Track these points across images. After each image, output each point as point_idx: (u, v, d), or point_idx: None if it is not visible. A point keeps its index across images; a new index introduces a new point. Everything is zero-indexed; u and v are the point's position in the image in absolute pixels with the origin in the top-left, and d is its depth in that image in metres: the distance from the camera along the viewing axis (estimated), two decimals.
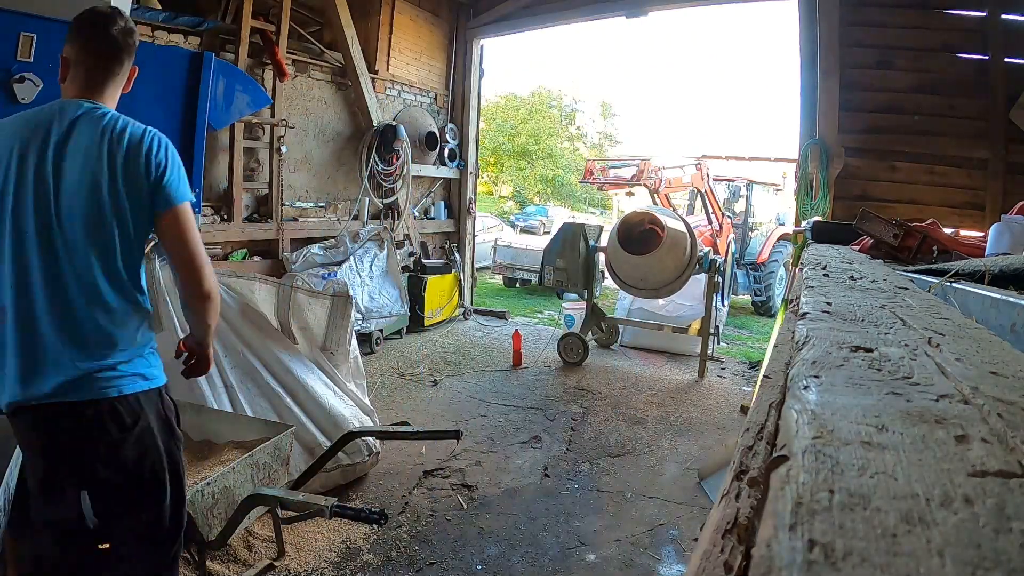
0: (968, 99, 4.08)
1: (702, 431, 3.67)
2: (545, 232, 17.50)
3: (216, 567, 2.07)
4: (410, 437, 2.24)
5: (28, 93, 2.16)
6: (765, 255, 8.46)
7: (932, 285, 1.21)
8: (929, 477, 0.31)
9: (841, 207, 4.33)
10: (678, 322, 5.36)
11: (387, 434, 2.32)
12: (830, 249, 2.19)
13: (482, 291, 8.46)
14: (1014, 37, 3.93)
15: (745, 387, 4.58)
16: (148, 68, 2.54)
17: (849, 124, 4.33)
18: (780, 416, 0.44)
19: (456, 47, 6.60)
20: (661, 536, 2.49)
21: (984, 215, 4.00)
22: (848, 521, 0.26)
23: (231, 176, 4.48)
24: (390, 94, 5.95)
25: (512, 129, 25.99)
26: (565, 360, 5.01)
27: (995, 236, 1.86)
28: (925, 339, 0.65)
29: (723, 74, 62.01)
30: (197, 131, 2.72)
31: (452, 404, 4.01)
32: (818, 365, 0.53)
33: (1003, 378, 0.50)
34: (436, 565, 2.24)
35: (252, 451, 2.00)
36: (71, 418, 1.29)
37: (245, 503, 1.86)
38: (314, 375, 2.73)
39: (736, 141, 52.56)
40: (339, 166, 5.50)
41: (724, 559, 0.31)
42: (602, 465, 3.14)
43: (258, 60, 4.58)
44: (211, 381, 2.46)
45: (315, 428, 2.66)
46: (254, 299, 2.64)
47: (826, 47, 4.30)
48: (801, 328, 0.69)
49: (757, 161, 11.46)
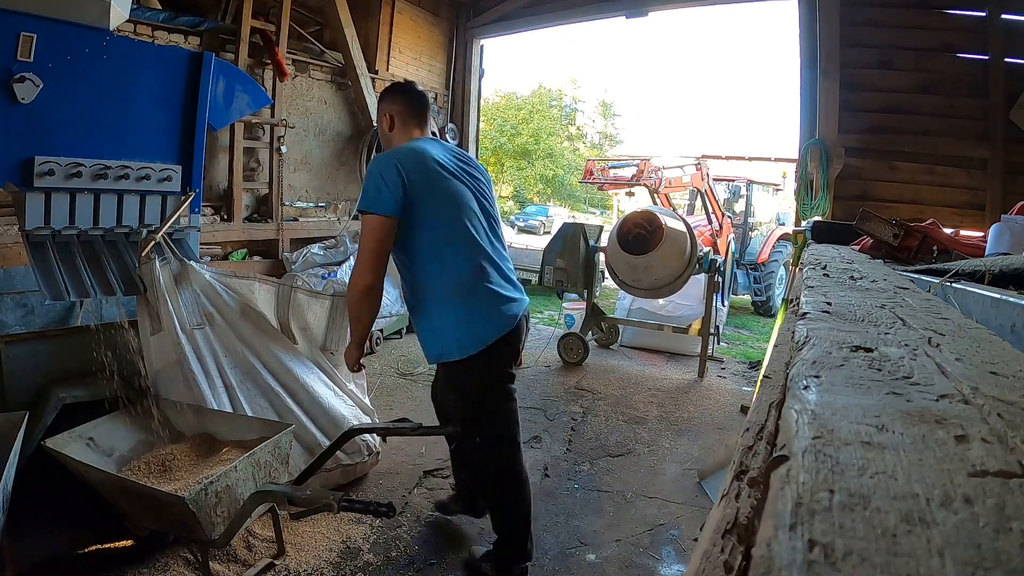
0: (968, 99, 4.08)
1: (702, 431, 3.67)
2: (545, 232, 17.51)
3: (216, 567, 2.07)
4: (411, 433, 2.24)
5: (28, 93, 2.15)
6: (765, 255, 8.46)
7: (932, 285, 1.21)
8: (929, 477, 0.31)
9: (841, 207, 4.33)
10: (678, 322, 5.36)
11: (388, 430, 2.33)
12: (830, 249, 2.19)
13: None
14: (1014, 37, 3.93)
15: (745, 387, 4.58)
16: (148, 68, 2.55)
17: (849, 124, 4.32)
18: (780, 416, 0.44)
19: (456, 47, 6.60)
20: (661, 536, 2.49)
21: (984, 215, 3.99)
22: (848, 521, 0.26)
23: (231, 176, 4.48)
24: None
25: (512, 129, 26.00)
26: (565, 360, 5.01)
27: (995, 236, 1.87)
28: (925, 339, 0.65)
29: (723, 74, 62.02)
30: (197, 131, 2.72)
31: None
32: (818, 365, 0.53)
33: (1003, 378, 0.50)
34: (436, 565, 2.24)
35: (253, 450, 2.00)
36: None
37: (252, 500, 1.86)
38: (314, 375, 2.73)
39: (736, 141, 52.59)
40: (339, 166, 5.50)
41: (724, 559, 0.31)
42: (602, 465, 3.14)
43: (258, 60, 4.58)
44: (211, 381, 2.46)
45: (315, 428, 2.65)
46: (254, 299, 2.64)
47: (826, 47, 4.30)
48: (801, 328, 0.69)
49: (757, 161, 11.47)
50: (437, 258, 1.89)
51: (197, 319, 2.48)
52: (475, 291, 1.91)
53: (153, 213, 2.63)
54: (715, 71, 64.02)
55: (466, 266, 1.90)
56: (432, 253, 1.89)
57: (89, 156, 2.37)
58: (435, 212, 1.87)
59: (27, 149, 2.22)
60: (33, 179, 2.23)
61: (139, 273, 2.44)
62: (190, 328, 2.45)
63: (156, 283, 2.40)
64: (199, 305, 2.50)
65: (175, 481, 2.05)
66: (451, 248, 1.90)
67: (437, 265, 1.90)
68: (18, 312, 3.28)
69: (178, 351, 2.41)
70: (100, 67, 2.36)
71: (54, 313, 3.38)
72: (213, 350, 2.50)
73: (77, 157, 2.33)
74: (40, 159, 2.23)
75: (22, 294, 3.26)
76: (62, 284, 2.31)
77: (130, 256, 2.53)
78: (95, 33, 2.30)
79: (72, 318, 3.43)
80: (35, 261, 2.30)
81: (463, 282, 1.90)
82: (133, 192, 2.55)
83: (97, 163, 2.39)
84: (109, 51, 2.37)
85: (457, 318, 1.91)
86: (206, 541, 1.86)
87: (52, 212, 2.33)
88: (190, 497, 1.73)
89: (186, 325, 2.44)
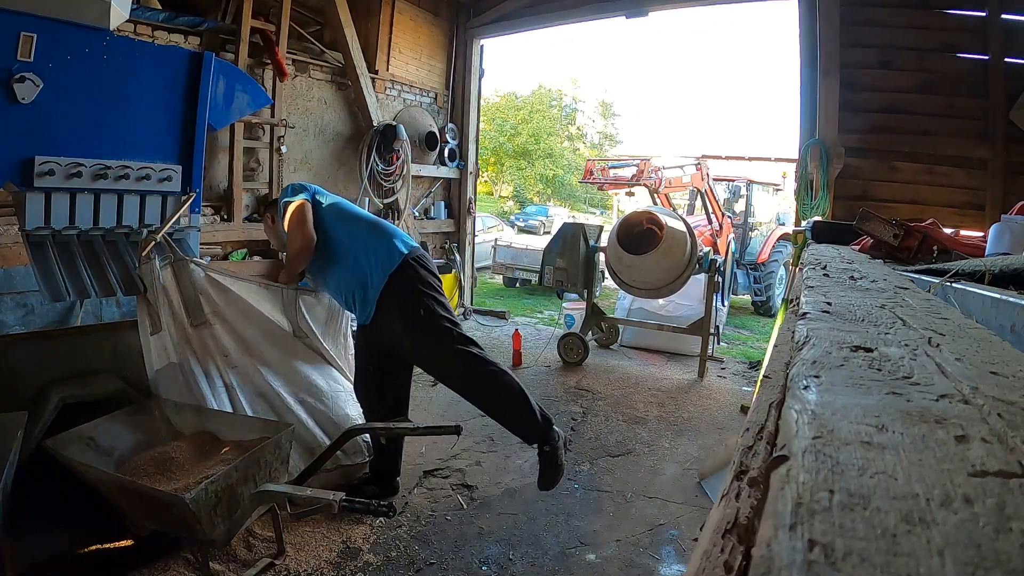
0: (968, 99, 4.08)
1: (702, 431, 3.67)
2: (545, 232, 17.51)
3: (216, 567, 2.07)
4: (411, 433, 2.25)
5: (28, 93, 2.15)
6: (765, 255, 8.46)
7: (932, 285, 1.21)
8: (929, 477, 0.31)
9: (841, 207, 4.33)
10: (678, 322, 5.36)
11: (388, 430, 2.33)
12: (830, 249, 2.19)
13: (482, 291, 8.46)
14: (1014, 37, 3.93)
15: (745, 387, 4.58)
16: (148, 68, 2.55)
17: (849, 124, 4.32)
18: (780, 416, 0.44)
19: (456, 47, 6.59)
20: (661, 536, 2.49)
21: (984, 215, 3.99)
22: (848, 521, 0.26)
23: (231, 176, 4.47)
24: (390, 94, 5.95)
25: (512, 129, 25.99)
26: (565, 360, 5.01)
27: (995, 236, 1.87)
28: (925, 339, 0.65)
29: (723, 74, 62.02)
30: (197, 131, 2.72)
31: (452, 404, 4.01)
32: (818, 365, 0.53)
33: (1003, 378, 0.50)
34: (436, 565, 2.24)
35: (253, 450, 2.00)
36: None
37: (252, 500, 1.86)
38: (314, 375, 2.73)
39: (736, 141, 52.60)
40: (339, 166, 5.50)
41: (724, 559, 0.31)
42: (602, 465, 3.14)
43: (258, 60, 4.58)
44: (211, 381, 2.46)
45: (316, 428, 2.66)
46: (254, 299, 2.64)
47: (826, 47, 4.30)
48: (801, 328, 0.69)
49: (757, 161, 11.47)
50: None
51: (197, 319, 2.48)
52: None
53: (153, 213, 2.63)
54: (715, 71, 64.05)
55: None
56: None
57: (89, 156, 2.37)
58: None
59: (27, 149, 2.22)
60: (33, 179, 2.23)
61: (139, 273, 2.44)
62: (190, 328, 2.45)
63: (156, 283, 2.40)
64: (199, 305, 2.50)
65: (175, 481, 2.05)
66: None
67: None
68: (18, 312, 3.28)
69: (178, 351, 2.41)
70: (100, 67, 2.36)
71: (54, 313, 3.39)
72: (213, 350, 2.50)
73: (77, 157, 2.33)
74: (40, 159, 2.23)
75: (22, 294, 3.26)
76: (62, 284, 2.31)
77: (130, 256, 2.53)
78: (95, 33, 2.30)
79: (72, 318, 3.44)
80: (35, 261, 2.30)
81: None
82: (133, 192, 2.55)
83: (97, 163, 2.38)
84: (109, 51, 2.37)
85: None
86: (206, 541, 1.86)
87: (52, 212, 2.33)
88: (190, 497, 1.73)
89: (186, 325, 2.44)
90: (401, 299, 2.43)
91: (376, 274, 2.45)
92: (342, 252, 2.53)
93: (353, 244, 2.52)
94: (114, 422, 2.30)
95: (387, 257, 2.46)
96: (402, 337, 2.45)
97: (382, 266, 2.44)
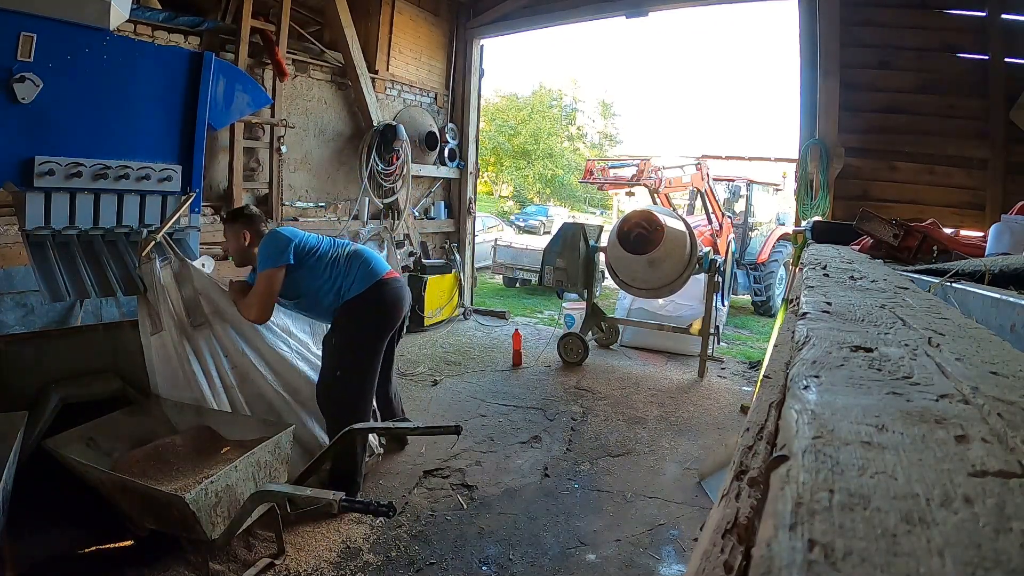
0: (968, 99, 4.08)
1: (702, 431, 3.67)
2: (545, 232, 17.50)
3: (216, 566, 2.07)
4: (411, 433, 2.24)
5: (28, 93, 2.15)
6: (765, 255, 8.45)
7: (932, 285, 1.21)
8: (929, 477, 0.31)
9: (841, 207, 4.33)
10: (678, 322, 5.35)
11: (388, 430, 2.33)
12: (830, 249, 2.19)
13: (482, 291, 8.45)
14: (1014, 37, 3.93)
15: (745, 387, 4.58)
16: (148, 68, 2.55)
17: (849, 124, 4.32)
18: (780, 416, 0.44)
19: (456, 47, 6.59)
20: (661, 536, 2.49)
21: (984, 215, 3.99)
22: (848, 521, 0.26)
23: (231, 176, 4.47)
24: (390, 94, 5.95)
25: (512, 129, 25.97)
26: (565, 360, 5.01)
27: (995, 236, 1.86)
28: (925, 339, 0.65)
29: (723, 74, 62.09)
30: (197, 131, 2.71)
31: (452, 404, 4.01)
32: (818, 365, 0.53)
33: (1003, 378, 0.50)
34: (436, 565, 2.24)
35: (253, 450, 2.00)
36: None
37: (252, 500, 1.86)
38: (315, 375, 2.72)
39: (736, 141, 52.59)
40: (339, 166, 5.50)
41: (724, 559, 0.31)
42: (602, 465, 3.14)
43: (258, 60, 4.58)
44: (211, 381, 2.46)
45: (316, 427, 2.66)
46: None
47: (826, 47, 4.30)
48: (801, 328, 0.69)
49: (757, 161, 11.47)
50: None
51: (197, 319, 2.48)
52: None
53: (153, 213, 2.63)
54: (715, 71, 64.05)
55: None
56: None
57: (89, 156, 2.37)
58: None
59: (27, 149, 2.22)
60: (33, 179, 2.23)
61: (139, 273, 2.44)
62: (190, 328, 2.45)
63: (156, 283, 2.40)
64: (199, 305, 2.50)
65: (175, 481, 2.05)
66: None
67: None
68: (18, 312, 3.28)
69: (178, 351, 2.41)
70: (100, 67, 2.36)
71: (54, 313, 3.39)
72: (213, 350, 2.50)
73: (77, 157, 2.33)
74: (40, 159, 2.23)
75: (22, 294, 3.26)
76: (62, 284, 2.31)
77: (130, 256, 2.53)
78: (95, 33, 2.30)
79: (72, 318, 3.44)
80: (35, 261, 2.30)
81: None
82: (133, 192, 2.55)
83: (97, 163, 2.38)
84: (109, 51, 2.37)
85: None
86: (206, 541, 1.86)
87: (52, 212, 2.33)
88: (190, 497, 1.73)
89: (186, 325, 2.44)
90: (352, 313, 2.61)
91: (354, 287, 2.62)
92: (321, 293, 2.63)
93: (328, 282, 2.62)
94: (114, 422, 2.30)
95: (364, 276, 2.64)
96: (332, 333, 2.63)
97: (359, 282, 2.62)
